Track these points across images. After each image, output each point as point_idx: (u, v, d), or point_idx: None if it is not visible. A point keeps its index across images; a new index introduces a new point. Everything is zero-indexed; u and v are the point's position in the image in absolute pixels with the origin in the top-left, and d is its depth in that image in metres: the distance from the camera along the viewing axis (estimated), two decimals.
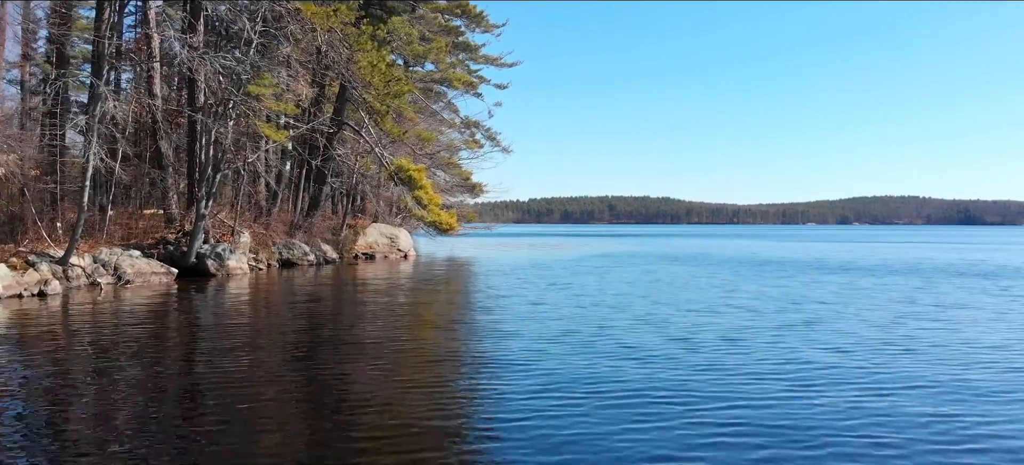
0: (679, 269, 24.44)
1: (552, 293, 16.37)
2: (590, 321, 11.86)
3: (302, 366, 8.56)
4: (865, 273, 22.98)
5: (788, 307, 13.78)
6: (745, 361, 8.49)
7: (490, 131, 44.53)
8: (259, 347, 9.78)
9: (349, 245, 28.40)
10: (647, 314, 12.77)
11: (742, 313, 12.88)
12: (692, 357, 8.74)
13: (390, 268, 25.54)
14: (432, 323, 12.56)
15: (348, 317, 13.20)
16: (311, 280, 20.18)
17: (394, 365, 8.78)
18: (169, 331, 11.23)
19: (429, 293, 17.51)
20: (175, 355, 9.44)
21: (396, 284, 19.37)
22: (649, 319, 12.12)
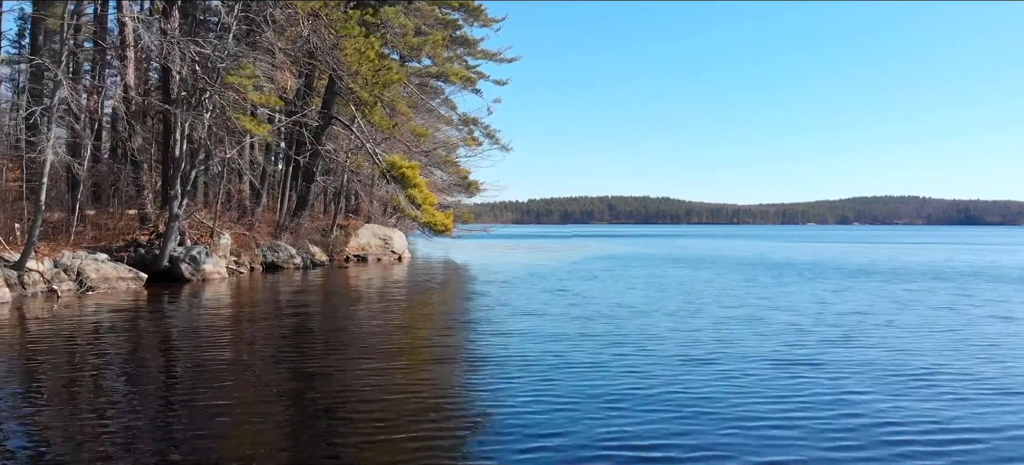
0: (690, 274, 23.00)
1: (555, 303, 14.90)
2: (607, 339, 10.40)
3: (270, 391, 7.10)
4: (891, 277, 21.55)
5: (844, 320, 12.32)
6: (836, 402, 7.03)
7: (489, 128, 43.10)
8: (220, 368, 8.31)
9: (339, 247, 26.94)
10: (676, 332, 11.31)
11: (803, 333, 11.43)
12: (755, 400, 7.28)
13: (382, 272, 24.08)
14: (422, 341, 11.10)
15: (324, 332, 11.73)
16: (295, 285, 18.73)
17: (377, 399, 7.32)
18: (121, 346, 9.75)
19: (420, 304, 16.05)
20: (121, 378, 7.97)
21: (385, 291, 17.91)
22: (679, 338, 10.66)
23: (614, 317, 12.32)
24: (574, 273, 22.51)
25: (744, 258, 32.13)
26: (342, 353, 9.63)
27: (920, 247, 47.83)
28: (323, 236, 26.58)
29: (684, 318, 12.16)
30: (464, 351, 9.85)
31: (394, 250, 28.12)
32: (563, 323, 11.70)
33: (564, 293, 16.32)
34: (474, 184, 44.82)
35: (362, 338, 11.00)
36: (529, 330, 11.00)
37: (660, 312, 12.95)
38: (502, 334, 10.83)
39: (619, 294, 16.11)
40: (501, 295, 16.17)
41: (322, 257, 25.50)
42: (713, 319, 12.01)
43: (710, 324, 11.45)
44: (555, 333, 10.64)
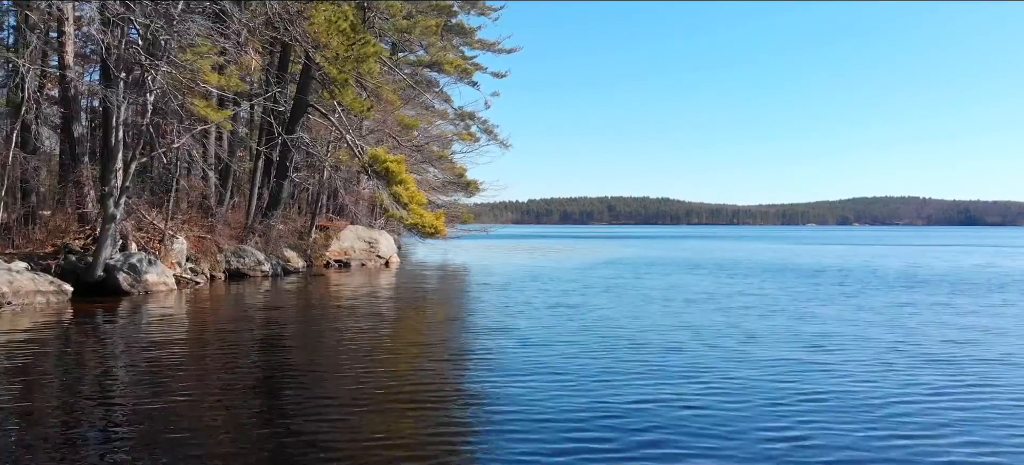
0: (716, 283, 20.18)
1: (566, 324, 12.07)
2: (648, 391, 7.56)
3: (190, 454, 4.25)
4: (937, 286, 18.74)
5: (970, 338, 9.50)
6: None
7: (487, 124, 40.30)
8: (119, 419, 5.45)
9: (318, 251, 24.09)
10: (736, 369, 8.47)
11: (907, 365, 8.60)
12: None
13: (365, 279, 21.26)
14: (400, 382, 8.25)
15: (274, 366, 8.89)
16: (258, 298, 15.92)
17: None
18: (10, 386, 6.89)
19: (401, 324, 13.20)
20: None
21: (362, 307, 15.08)
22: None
23: (644, 346, 9.50)
24: (581, 281, 19.70)
25: (767, 263, 29.31)
26: (298, 394, 6.84)
27: (941, 250, 45.03)
28: (300, 239, 23.73)
29: (753, 349, 9.32)
30: (451, 399, 7.03)
31: (380, 254, 25.28)
32: (582, 358, 8.87)
33: (575, 309, 13.48)
34: (472, 183, 42.02)
35: (325, 374, 8.22)
36: (537, 368, 8.17)
37: (707, 341, 10.11)
38: (501, 373, 8.03)
39: (641, 311, 13.28)
40: (500, 311, 13.35)
41: (298, 263, 22.67)
42: (802, 346, 9.18)
43: (802, 357, 8.62)
44: (573, 375, 7.81)
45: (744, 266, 27.04)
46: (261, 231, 20.77)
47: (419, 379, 8.20)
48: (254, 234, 20.59)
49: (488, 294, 16.68)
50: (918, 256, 35.38)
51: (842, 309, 13.78)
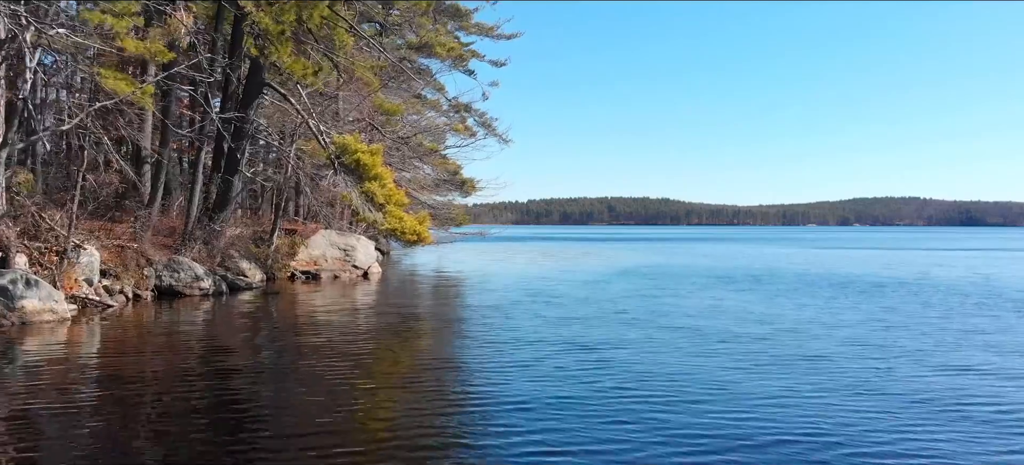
0: (768, 305, 16.28)
1: (586, 377, 8.15)
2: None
3: None
4: None
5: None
6: None
7: (484, 116, 36.36)
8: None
9: (282, 261, 20.18)
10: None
11: None
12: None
13: (337, 295, 17.38)
14: None
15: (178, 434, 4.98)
16: (191, 324, 12.10)
17: None
18: None
19: (365, 366, 9.25)
20: None
21: (320, 342, 11.19)
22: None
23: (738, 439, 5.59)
24: (597, 303, 15.81)
25: (806, 274, 25.40)
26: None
27: (965, 254, 41.12)
28: (259, 245, 19.83)
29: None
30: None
31: (357, 264, 21.36)
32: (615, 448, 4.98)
33: (599, 358, 9.57)
34: (469, 182, 38.12)
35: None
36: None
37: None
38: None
39: (695, 362, 9.39)
40: (495, 359, 9.43)
41: (256, 275, 18.78)
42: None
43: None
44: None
45: (783, 277, 23.12)
46: (204, 238, 16.84)
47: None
48: (195, 242, 16.67)
49: (482, 324, 12.79)
50: (977, 262, 31.50)
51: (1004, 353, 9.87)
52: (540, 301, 15.84)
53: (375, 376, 8.82)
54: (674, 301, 16.07)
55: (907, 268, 28.27)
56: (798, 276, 23.73)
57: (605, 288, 18.99)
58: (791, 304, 15.62)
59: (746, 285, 20.25)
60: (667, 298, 16.67)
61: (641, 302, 15.79)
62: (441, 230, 37.72)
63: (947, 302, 16.25)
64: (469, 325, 12.77)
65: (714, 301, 16.12)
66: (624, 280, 21.66)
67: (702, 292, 18.19)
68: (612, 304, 15.39)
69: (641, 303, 15.59)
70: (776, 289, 19.11)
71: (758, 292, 18.30)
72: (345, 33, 17.23)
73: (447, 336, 11.96)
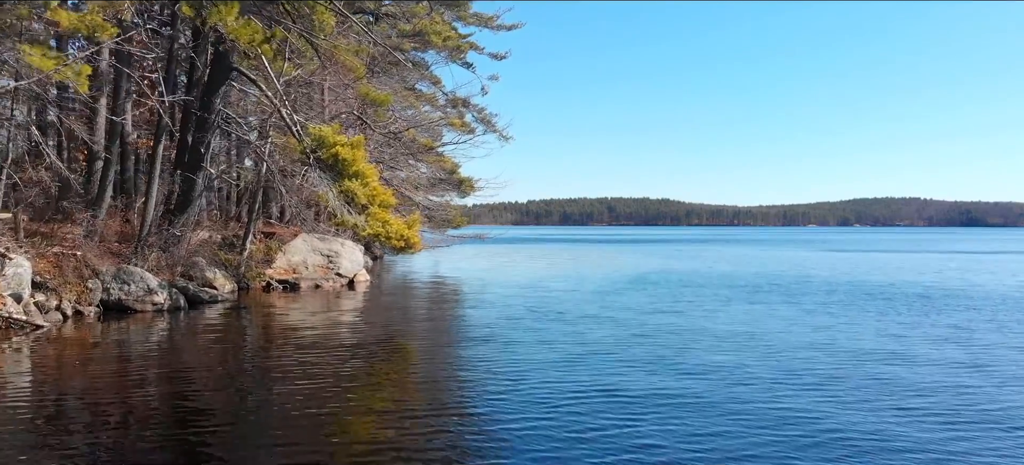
0: (824, 333, 14.12)
1: (610, 441, 6.00)
2: None
3: None
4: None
5: None
6: None
7: (483, 111, 34.17)
8: None
9: (256, 269, 18.03)
10: None
11: None
12: None
13: (318, 307, 15.26)
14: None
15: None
16: (130, 349, 9.96)
17: None
18: None
19: (345, 399, 7.07)
20: None
21: (287, 365, 9.06)
22: None
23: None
24: (608, 319, 13.69)
25: (845, 282, 23.27)
26: None
27: (984, 258, 38.99)
28: (230, 252, 17.68)
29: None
30: None
31: (341, 272, 19.20)
32: None
33: (616, 399, 7.41)
34: (466, 181, 35.90)
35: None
36: None
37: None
38: None
39: (778, 413, 7.24)
40: (492, 400, 7.25)
41: (226, 286, 16.65)
42: None
43: None
44: None
45: (814, 286, 20.96)
46: (163, 243, 14.69)
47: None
48: (151, 249, 14.51)
49: (479, 352, 10.65)
50: (1004, 266, 29.38)
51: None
52: (546, 320, 13.69)
53: (351, 416, 6.68)
54: (704, 319, 13.90)
55: (942, 274, 26.10)
56: (830, 285, 21.56)
57: (617, 300, 16.84)
58: (846, 321, 13.45)
59: (778, 297, 18.09)
60: (695, 315, 14.50)
61: (666, 321, 13.63)
62: (437, 233, 35.58)
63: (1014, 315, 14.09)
64: (464, 352, 10.63)
65: (750, 317, 13.96)
66: (638, 291, 19.51)
67: (732, 307, 16.03)
68: (631, 322, 13.23)
69: (666, 323, 13.43)
70: (819, 302, 16.95)
71: (799, 306, 16.14)
72: (325, 11, 15.09)
73: (437, 365, 9.83)
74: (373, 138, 23.91)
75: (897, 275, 25.66)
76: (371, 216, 13.46)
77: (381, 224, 13.40)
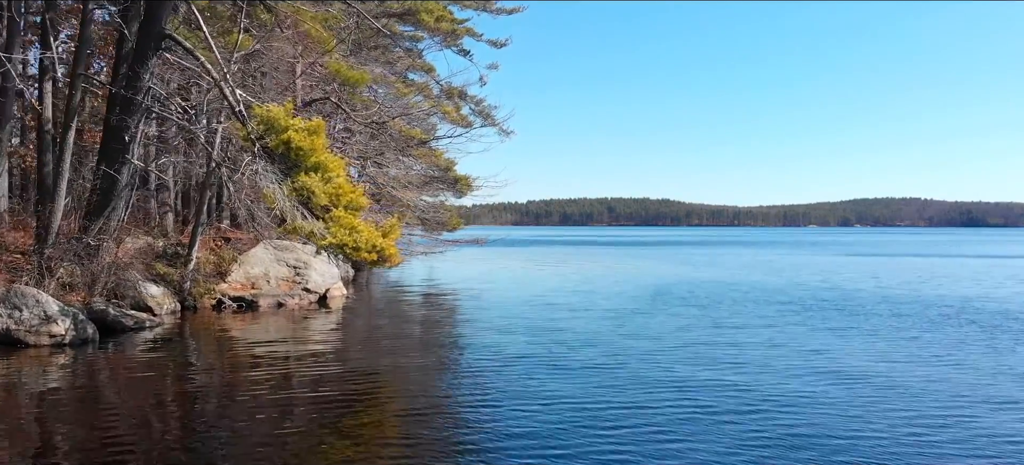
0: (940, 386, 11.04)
1: None
2: None
3: None
4: None
5: None
6: None
7: (482, 103, 31.01)
8: None
9: (206, 283, 14.88)
10: None
11: None
12: None
13: (273, 334, 12.17)
14: None
15: None
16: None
17: None
18: None
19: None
20: None
21: (199, 432, 5.92)
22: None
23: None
24: (640, 359, 10.57)
25: (877, 292, 20.18)
26: None
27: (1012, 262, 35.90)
28: (171, 264, 14.54)
29: None
30: None
31: (310, 287, 16.04)
32: None
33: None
34: (463, 180, 32.66)
35: None
36: None
37: None
38: None
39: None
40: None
41: (165, 305, 13.55)
42: None
43: None
44: None
45: (878, 303, 17.83)
46: (72, 256, 11.54)
47: None
48: (59, 262, 11.36)
49: (474, 410, 7.51)
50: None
51: None
52: (560, 357, 10.53)
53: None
54: (774, 354, 10.74)
55: (1000, 283, 22.97)
56: (889, 300, 18.40)
57: (645, 327, 13.69)
58: (961, 353, 10.30)
59: (844, 317, 14.93)
60: (754, 347, 11.35)
61: (717, 354, 10.48)
62: (430, 237, 32.43)
63: None
64: (453, 410, 7.48)
65: (837, 349, 10.79)
66: (664, 309, 16.38)
67: (791, 330, 12.88)
68: (672, 361, 10.08)
69: (719, 357, 10.29)
70: (905, 325, 13.80)
71: (886, 332, 12.99)
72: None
73: (417, 433, 6.67)
74: (356, 130, 20.78)
75: (957, 287, 22.50)
76: (334, 221, 10.32)
77: (347, 231, 10.26)
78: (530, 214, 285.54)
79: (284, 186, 10.36)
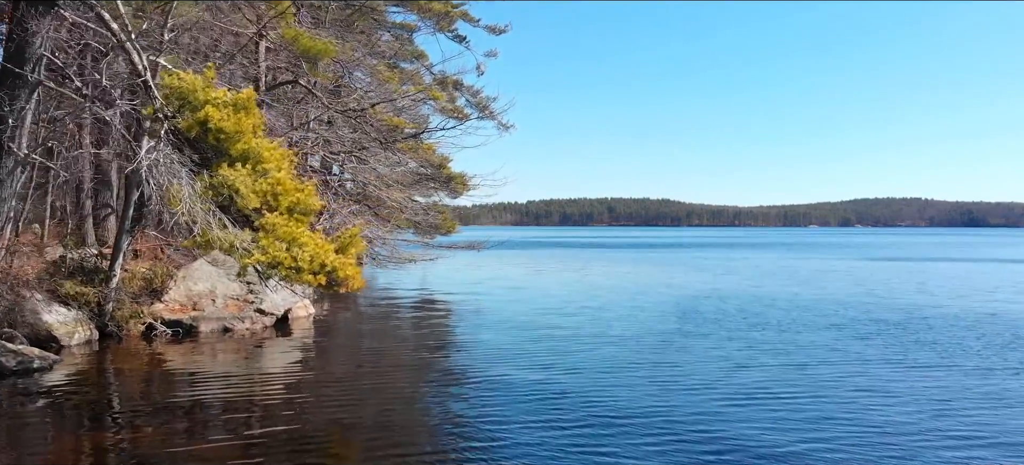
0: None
1: None
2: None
3: None
4: None
5: None
6: None
7: (479, 95, 28.14)
8: None
9: (134, 305, 11.96)
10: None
11: None
12: None
13: (208, 372, 9.24)
14: None
15: None
16: None
17: None
18: None
19: None
20: None
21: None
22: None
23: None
24: (698, 428, 7.69)
25: (941, 308, 17.32)
26: None
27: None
28: (87, 282, 11.61)
29: None
30: None
31: (264, 308, 13.11)
32: None
33: None
34: (458, 178, 29.68)
35: None
36: None
37: None
38: None
39: None
40: None
41: (75, 334, 10.68)
42: None
43: None
44: None
45: (951, 323, 14.95)
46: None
47: None
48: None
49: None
50: None
51: None
52: (584, 421, 7.64)
53: None
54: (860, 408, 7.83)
55: None
56: (964, 320, 15.50)
57: (685, 365, 10.77)
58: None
59: (923, 348, 12.03)
60: (833, 397, 8.44)
61: (813, 412, 7.57)
62: (422, 243, 29.52)
63: None
64: None
65: (968, 398, 7.90)
66: (698, 336, 13.47)
67: (878, 369, 9.97)
68: (746, 425, 7.18)
69: (826, 418, 7.38)
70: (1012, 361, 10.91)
71: (983, 363, 10.10)
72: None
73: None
74: (331, 119, 17.87)
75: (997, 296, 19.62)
76: (267, 231, 7.41)
77: (282, 247, 7.35)
78: (530, 214, 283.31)
79: (197, 181, 7.45)
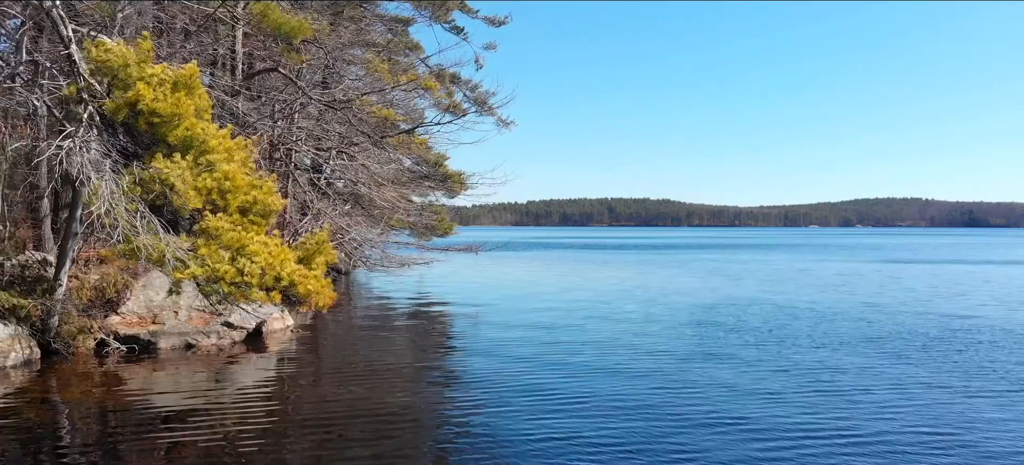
0: None
1: None
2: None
3: None
4: None
5: None
6: None
7: (477, 90, 26.68)
8: None
9: (79, 321, 10.52)
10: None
11: None
12: None
13: (160, 400, 7.74)
14: None
15: None
16: None
17: None
18: None
19: None
20: None
21: None
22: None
23: None
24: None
25: (991, 321, 15.88)
26: None
27: None
28: (28, 293, 10.16)
29: None
30: None
31: (232, 322, 11.66)
32: None
33: None
34: (456, 177, 28.19)
35: None
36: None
37: None
38: None
39: None
40: None
41: (16, 352, 9.27)
42: None
43: None
44: None
45: (1012, 336, 13.52)
46: None
47: None
48: None
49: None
50: None
51: None
52: None
53: None
54: None
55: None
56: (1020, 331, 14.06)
57: (717, 394, 9.34)
58: None
59: (1001, 378, 10.60)
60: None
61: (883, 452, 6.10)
62: (418, 245, 28.11)
63: None
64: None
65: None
66: (722, 353, 12.04)
67: (951, 405, 8.53)
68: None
69: None
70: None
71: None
72: None
73: None
74: (311, 108, 16.42)
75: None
76: (208, 237, 5.96)
77: (231, 256, 5.90)
78: (530, 214, 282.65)
79: (125, 175, 6.00)
